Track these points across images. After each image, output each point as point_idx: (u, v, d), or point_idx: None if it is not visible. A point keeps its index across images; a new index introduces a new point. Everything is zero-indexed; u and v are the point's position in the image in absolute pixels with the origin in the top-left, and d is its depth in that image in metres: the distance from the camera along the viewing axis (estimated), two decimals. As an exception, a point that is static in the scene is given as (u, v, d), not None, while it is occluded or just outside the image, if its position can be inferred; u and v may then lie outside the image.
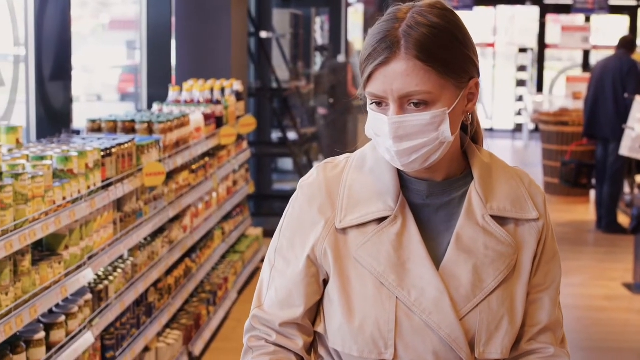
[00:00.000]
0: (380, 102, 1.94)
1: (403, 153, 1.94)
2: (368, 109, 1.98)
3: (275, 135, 11.73)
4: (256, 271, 8.39)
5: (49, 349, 3.87)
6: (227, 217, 7.65)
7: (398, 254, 1.98)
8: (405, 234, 1.99)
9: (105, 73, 12.22)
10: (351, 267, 2.00)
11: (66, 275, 4.01)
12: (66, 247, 4.05)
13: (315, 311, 2.08)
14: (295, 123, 10.97)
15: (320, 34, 14.70)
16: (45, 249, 4.05)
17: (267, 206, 10.91)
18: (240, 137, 8.06)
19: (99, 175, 4.40)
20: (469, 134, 2.11)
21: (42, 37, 5.57)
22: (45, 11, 5.60)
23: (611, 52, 10.98)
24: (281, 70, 11.29)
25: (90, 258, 4.31)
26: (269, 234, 9.12)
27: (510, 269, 2.01)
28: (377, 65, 1.91)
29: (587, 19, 18.78)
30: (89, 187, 4.26)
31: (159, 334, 5.64)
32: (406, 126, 1.92)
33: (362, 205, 2.01)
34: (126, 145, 4.85)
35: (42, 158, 3.97)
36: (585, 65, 19.52)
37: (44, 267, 3.80)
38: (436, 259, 2.00)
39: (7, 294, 3.44)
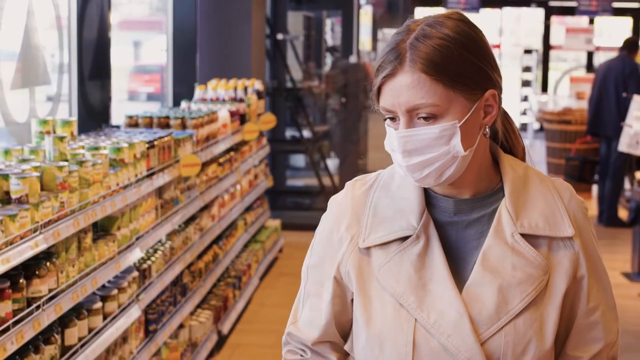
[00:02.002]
0: (393, 117, 1.92)
1: (414, 168, 1.90)
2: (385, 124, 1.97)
3: (289, 133, 12.21)
4: (275, 260, 8.89)
5: (104, 318, 4.35)
6: (248, 208, 8.13)
7: (419, 275, 1.94)
8: (427, 254, 1.95)
9: (116, 73, 12.64)
10: (373, 287, 1.97)
11: (119, 253, 4.50)
12: (118, 228, 4.54)
13: (349, 328, 2.07)
14: (309, 121, 11.47)
15: (330, 36, 15.18)
16: (99, 230, 4.53)
17: (281, 201, 11.38)
18: (260, 134, 8.53)
19: (144, 165, 4.89)
20: (499, 144, 2.07)
21: (82, 40, 6.06)
22: (86, 16, 6.09)
23: (614, 54, 11.44)
24: (294, 71, 11.76)
25: (137, 239, 4.80)
26: (284, 227, 9.64)
27: (539, 291, 1.93)
28: (384, 78, 1.90)
29: (591, 21, 19.19)
30: (136, 175, 4.75)
31: (192, 313, 6.12)
32: (414, 140, 1.88)
33: (385, 224, 1.98)
34: (166, 139, 5.34)
35: (97, 148, 4.45)
36: (589, 66, 19.94)
37: (101, 245, 4.28)
38: (463, 278, 1.95)
39: (73, 265, 3.92)
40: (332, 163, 12.61)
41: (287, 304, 7.34)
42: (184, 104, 7.28)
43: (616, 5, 17.82)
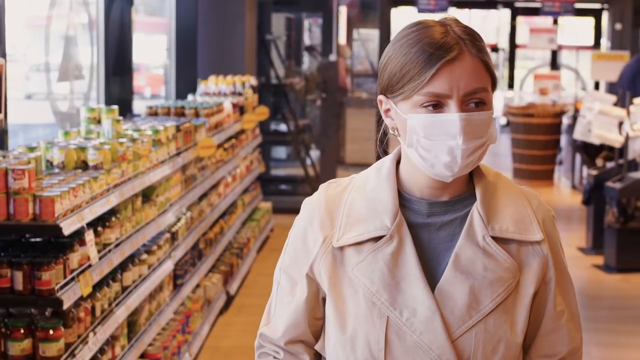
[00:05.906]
0: (436, 104, 1.90)
1: (467, 152, 1.89)
2: (410, 115, 1.92)
3: (273, 126, 13.22)
4: (267, 238, 9.92)
5: (148, 267, 5.33)
6: (245, 190, 9.14)
7: (392, 274, 1.96)
8: (400, 254, 1.96)
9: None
10: (346, 285, 1.99)
11: (158, 215, 5.49)
12: (157, 195, 5.52)
13: (321, 328, 2.10)
14: (294, 115, 12.50)
15: (308, 35, 16.16)
16: (142, 196, 5.51)
17: (266, 187, 12.38)
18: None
19: (174, 145, 5.87)
20: None
21: (108, 40, 7.04)
22: (111, 19, 7.06)
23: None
24: (277, 68, 12.77)
25: (170, 205, 5.79)
26: (273, 210, 10.66)
27: (509, 292, 1.96)
28: (446, 62, 1.88)
29: (555, 21, 20.22)
30: (168, 153, 5.73)
31: (205, 275, 7.11)
32: (474, 124, 1.89)
33: (360, 224, 2.00)
34: (187, 125, 6.32)
35: (139, 130, 5.43)
36: (553, 64, 21.00)
37: (146, 208, 5.27)
38: (435, 279, 1.97)
39: (129, 222, 4.91)
40: (314, 154, 13.61)
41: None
42: (190, 97, 8.26)
43: (578, 6, 18.88)
